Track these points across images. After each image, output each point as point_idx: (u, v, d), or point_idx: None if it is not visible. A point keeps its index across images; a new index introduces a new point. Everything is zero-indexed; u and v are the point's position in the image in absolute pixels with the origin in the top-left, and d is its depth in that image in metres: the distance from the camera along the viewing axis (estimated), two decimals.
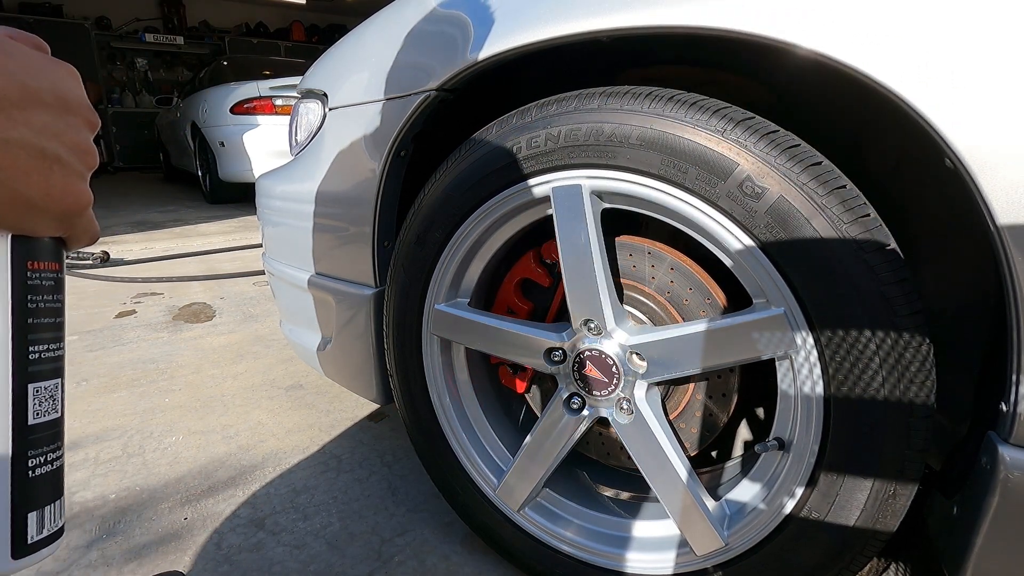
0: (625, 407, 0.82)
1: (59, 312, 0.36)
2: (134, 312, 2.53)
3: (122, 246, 3.79)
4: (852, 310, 0.62)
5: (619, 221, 0.86)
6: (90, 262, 3.33)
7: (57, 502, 0.36)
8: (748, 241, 0.66)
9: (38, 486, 0.34)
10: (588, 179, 0.76)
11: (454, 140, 0.92)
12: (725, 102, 0.69)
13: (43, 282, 0.34)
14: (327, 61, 1.16)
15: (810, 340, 0.65)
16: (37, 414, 0.34)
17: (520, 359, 0.90)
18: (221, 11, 11.56)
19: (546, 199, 0.81)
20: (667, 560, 0.83)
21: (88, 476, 1.32)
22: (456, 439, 0.99)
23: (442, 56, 0.87)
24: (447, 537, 1.11)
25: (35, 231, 0.34)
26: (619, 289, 0.86)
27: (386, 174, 0.96)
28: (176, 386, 1.79)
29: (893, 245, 0.61)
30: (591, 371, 0.83)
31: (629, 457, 0.84)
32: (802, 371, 0.67)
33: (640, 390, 0.81)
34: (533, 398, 1.04)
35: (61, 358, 0.37)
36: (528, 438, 0.91)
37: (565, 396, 0.87)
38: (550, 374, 0.88)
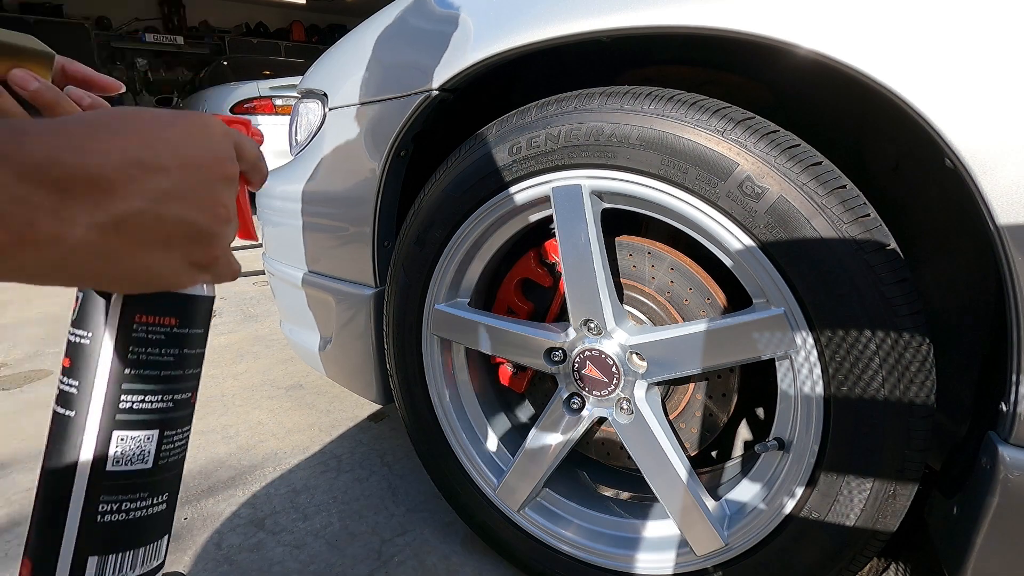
0: (625, 407, 0.82)
1: (168, 366, 0.35)
2: None
3: None
4: (852, 310, 0.62)
5: (619, 221, 0.86)
6: None
7: (129, 552, 0.35)
8: (748, 241, 0.66)
9: (104, 532, 0.34)
10: (588, 179, 0.76)
11: (454, 140, 0.92)
12: (725, 102, 0.69)
13: (150, 335, 0.34)
14: (327, 61, 1.16)
15: (810, 340, 0.65)
16: (117, 462, 0.34)
17: (520, 359, 0.90)
18: (221, 11, 11.57)
19: (546, 199, 0.81)
20: (667, 560, 0.83)
21: None
22: (456, 439, 0.99)
23: (442, 56, 0.87)
24: (447, 537, 1.11)
25: (176, 288, 0.34)
26: (619, 289, 0.86)
27: (386, 174, 0.96)
28: None
29: (893, 245, 0.61)
30: (591, 371, 0.83)
31: (629, 457, 0.84)
32: (802, 371, 0.67)
33: (640, 390, 0.81)
34: (533, 398, 1.04)
35: (164, 411, 0.36)
36: (528, 438, 0.91)
37: (565, 396, 0.87)
38: (550, 374, 0.88)
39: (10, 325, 2.36)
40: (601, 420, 0.88)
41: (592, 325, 0.81)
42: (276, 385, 1.79)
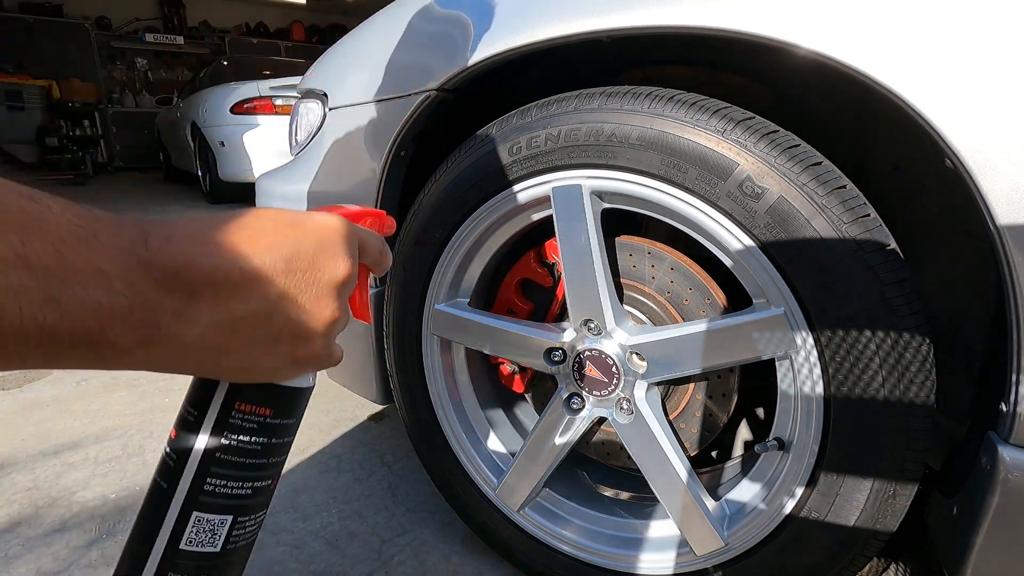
0: (625, 407, 0.82)
1: (255, 454, 0.36)
2: None
3: None
4: (852, 310, 0.62)
5: (619, 221, 0.86)
6: None
7: None
8: (748, 241, 0.66)
9: None
10: (588, 179, 0.76)
11: (454, 140, 0.92)
12: (725, 102, 0.69)
13: (245, 423, 0.35)
14: (327, 61, 1.16)
15: (810, 340, 0.65)
16: (190, 541, 0.35)
17: (520, 359, 0.90)
18: (221, 11, 11.57)
19: (546, 199, 0.81)
20: (667, 560, 0.83)
21: (88, 476, 1.32)
22: (456, 439, 0.99)
23: (442, 56, 0.87)
24: (447, 537, 1.11)
25: (264, 381, 0.35)
26: (619, 289, 0.86)
27: (386, 174, 0.96)
28: (176, 386, 1.79)
29: (893, 245, 0.61)
30: (591, 371, 0.83)
31: (629, 457, 0.84)
32: (802, 371, 0.67)
33: (640, 390, 0.81)
34: (533, 398, 1.04)
35: (242, 497, 0.36)
36: (528, 438, 0.91)
37: (565, 396, 0.87)
38: (550, 374, 0.88)
39: None
40: (601, 420, 0.88)
41: (592, 325, 0.81)
42: None
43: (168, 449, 0.36)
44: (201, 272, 0.28)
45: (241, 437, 0.35)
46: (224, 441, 0.35)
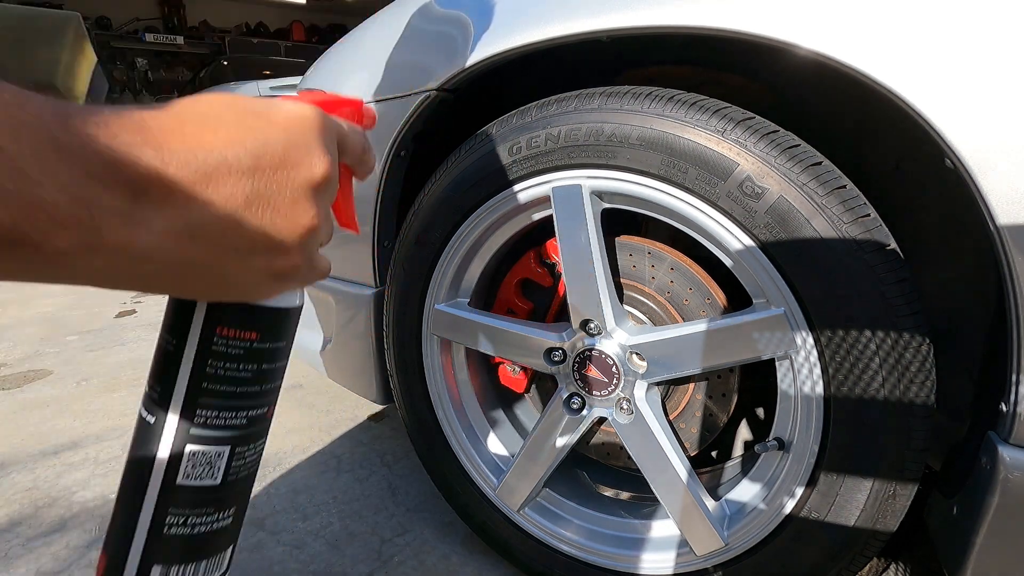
0: (625, 407, 0.82)
1: (246, 382, 0.33)
2: (134, 312, 2.53)
3: None
4: (852, 310, 0.62)
5: (619, 221, 0.86)
6: None
7: (192, 564, 0.35)
8: (748, 241, 0.66)
9: (170, 544, 0.34)
10: (588, 179, 0.76)
11: (454, 140, 0.92)
12: (725, 102, 0.69)
13: (230, 350, 0.32)
14: (327, 61, 1.16)
15: (810, 340, 0.65)
16: (187, 476, 0.33)
17: (520, 359, 0.90)
18: (221, 11, 11.57)
19: (546, 199, 0.81)
20: (667, 560, 0.83)
21: (88, 476, 1.32)
22: (456, 439, 0.99)
23: (442, 56, 0.87)
24: (447, 537, 1.11)
25: (242, 300, 0.32)
26: (619, 289, 0.86)
27: (386, 174, 0.96)
28: None
29: (893, 245, 0.61)
30: (591, 371, 0.83)
31: (629, 457, 0.84)
32: (802, 371, 0.67)
33: (640, 390, 0.81)
34: (533, 398, 1.04)
35: (238, 427, 0.34)
36: (528, 438, 0.91)
37: (565, 396, 0.87)
38: (550, 374, 0.88)
39: (10, 325, 2.36)
40: (601, 420, 0.88)
41: (592, 325, 0.81)
42: None
43: (151, 382, 0.33)
44: (145, 168, 0.24)
45: (228, 365, 0.32)
46: (210, 371, 0.32)
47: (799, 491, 0.70)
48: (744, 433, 1.02)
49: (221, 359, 0.32)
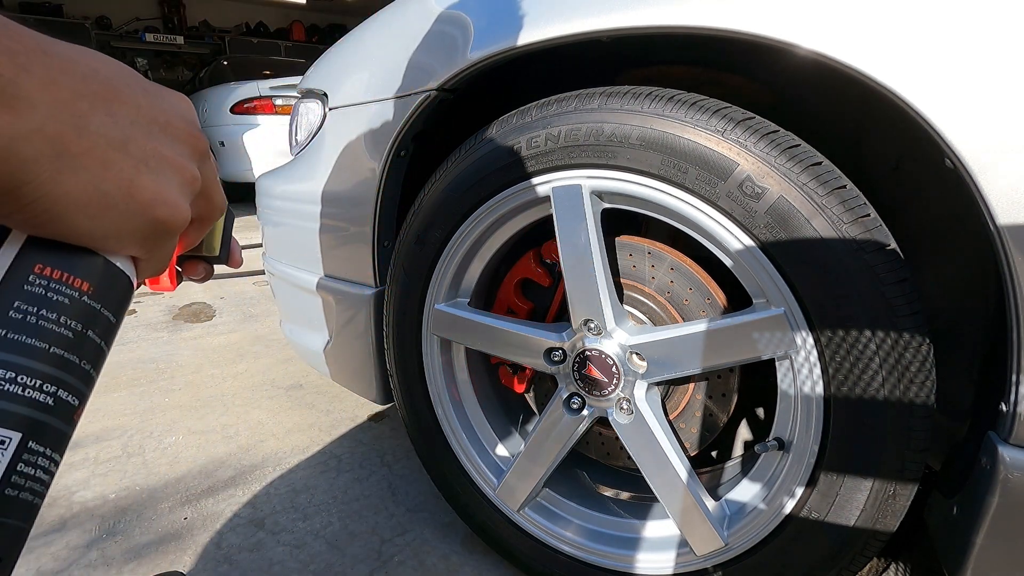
0: (625, 407, 0.82)
1: (64, 342, 0.25)
2: (134, 312, 2.53)
3: None
4: (852, 310, 0.62)
5: (619, 221, 0.86)
6: None
7: None
8: (748, 241, 0.66)
9: None
10: (588, 179, 0.76)
11: (454, 140, 0.92)
12: (725, 102, 0.69)
13: (50, 294, 0.25)
14: (327, 61, 1.16)
15: (810, 340, 0.65)
16: None
17: (520, 359, 0.90)
18: (221, 11, 11.57)
19: (546, 199, 0.81)
20: (667, 560, 0.83)
21: (88, 476, 1.32)
22: (456, 439, 0.99)
23: (442, 56, 0.87)
24: (447, 537, 1.11)
25: (105, 244, 0.27)
26: (619, 289, 0.86)
27: (386, 174, 0.96)
28: (176, 386, 1.79)
29: (893, 245, 0.61)
30: (591, 371, 0.83)
31: (629, 457, 0.84)
32: (802, 371, 0.67)
33: (640, 390, 0.81)
34: (533, 398, 1.04)
35: (41, 409, 0.24)
36: (528, 438, 0.91)
37: (565, 396, 0.87)
38: (550, 374, 0.88)
39: None
40: (601, 420, 0.88)
41: (592, 325, 0.81)
42: (276, 385, 1.79)
43: None
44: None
45: (43, 312, 0.24)
46: (16, 316, 0.24)
47: (799, 491, 0.70)
48: (744, 433, 1.02)
49: (36, 304, 0.25)
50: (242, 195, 5.77)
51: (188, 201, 0.30)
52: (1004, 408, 0.57)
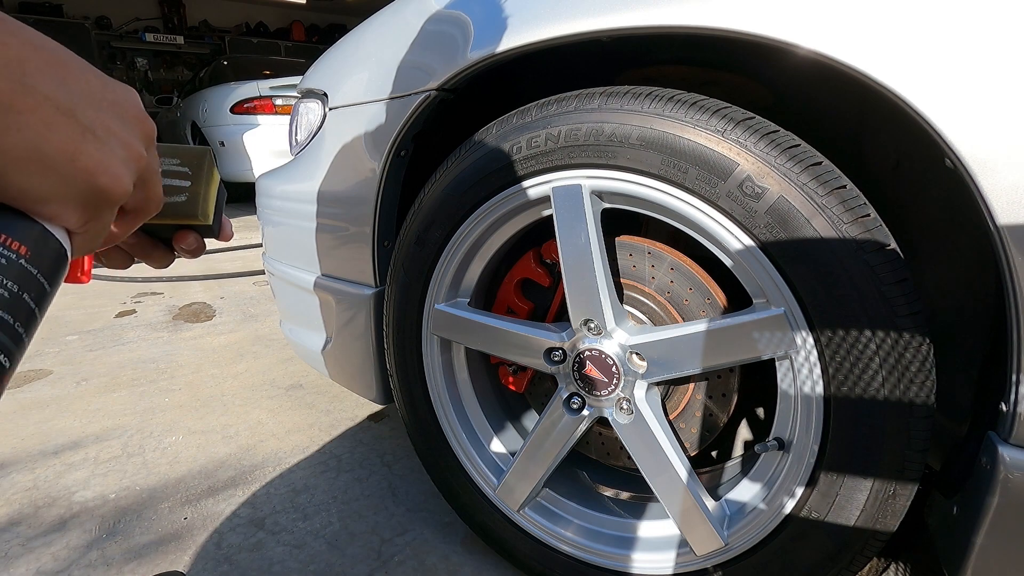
0: (625, 407, 0.82)
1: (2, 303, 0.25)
2: (134, 312, 2.53)
3: None
4: (852, 310, 0.62)
5: (619, 221, 0.86)
6: None
7: None
8: (748, 241, 0.66)
9: None
10: (588, 179, 0.76)
11: (454, 140, 0.92)
12: (725, 102, 0.69)
13: None
14: (327, 61, 1.16)
15: (810, 340, 0.65)
16: None
17: (520, 359, 0.90)
18: (221, 11, 11.57)
19: (546, 199, 0.81)
20: (667, 560, 0.83)
21: (88, 476, 1.32)
22: (456, 439, 0.99)
23: (442, 56, 0.87)
24: (447, 537, 1.11)
25: (44, 208, 0.27)
26: (619, 289, 0.86)
27: (386, 174, 0.96)
28: (176, 386, 1.79)
29: (893, 245, 0.61)
30: (591, 371, 0.83)
31: (629, 457, 0.84)
32: (802, 371, 0.67)
33: (640, 390, 0.81)
34: (533, 398, 1.04)
35: None
36: (528, 438, 0.91)
37: (565, 396, 0.87)
38: (550, 374, 0.88)
39: None
40: (601, 420, 0.88)
41: (592, 325, 0.81)
42: (276, 385, 1.79)
43: None
44: None
45: None
46: None
47: (799, 491, 0.70)
48: (744, 433, 1.02)
49: None
50: (242, 195, 5.78)
51: (132, 177, 0.30)
52: (1004, 408, 0.57)
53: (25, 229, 0.27)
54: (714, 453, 1.04)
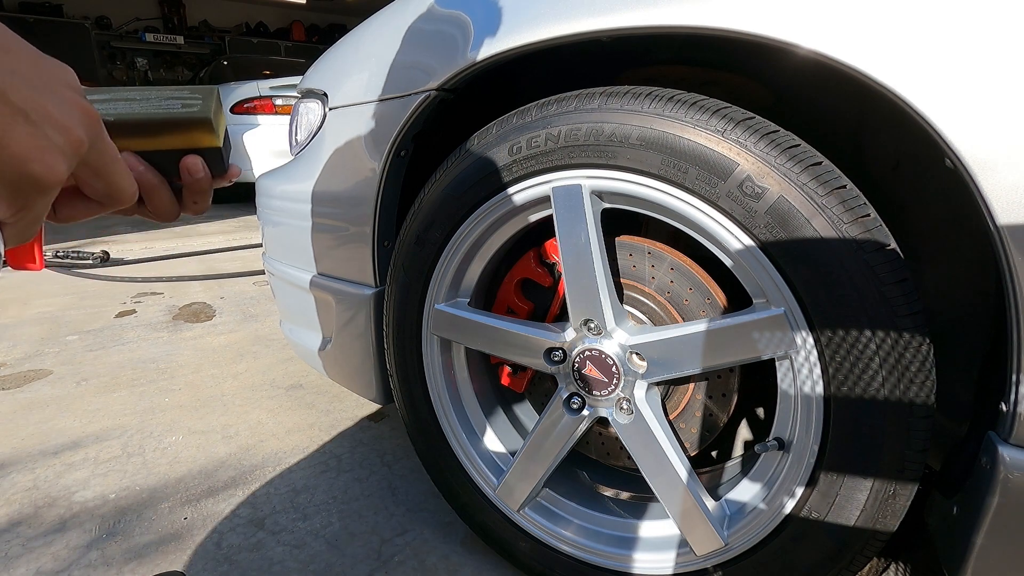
0: (625, 407, 0.82)
1: None
2: (134, 312, 2.53)
3: (122, 246, 3.79)
4: (852, 310, 0.62)
5: (619, 221, 0.86)
6: (90, 262, 3.33)
7: None
8: (748, 241, 0.66)
9: None
10: (588, 179, 0.76)
11: (454, 140, 0.92)
12: (725, 102, 0.69)
13: None
14: (327, 61, 1.16)
15: (810, 340, 0.65)
16: None
17: (520, 359, 0.90)
18: (221, 11, 11.56)
19: (546, 199, 0.81)
20: (667, 560, 0.83)
21: (88, 476, 1.32)
22: (456, 439, 0.99)
23: (442, 56, 0.87)
24: (447, 537, 1.11)
25: None
26: (619, 289, 0.86)
27: (386, 174, 0.96)
28: (176, 386, 1.79)
29: (893, 245, 0.61)
30: (591, 371, 0.83)
31: (629, 457, 0.84)
32: (802, 371, 0.67)
33: (640, 390, 0.81)
34: (533, 398, 1.04)
35: None
36: (528, 438, 0.91)
37: (565, 396, 0.87)
38: (550, 374, 0.88)
39: (10, 325, 2.36)
40: (601, 420, 0.88)
41: (592, 325, 0.81)
42: (276, 385, 1.79)
43: None
44: None
45: None
46: None
47: (799, 491, 0.70)
48: (744, 433, 1.02)
49: None
50: (242, 195, 5.78)
51: (68, 164, 0.29)
52: (1004, 408, 0.57)
53: None
54: (714, 453, 1.04)
